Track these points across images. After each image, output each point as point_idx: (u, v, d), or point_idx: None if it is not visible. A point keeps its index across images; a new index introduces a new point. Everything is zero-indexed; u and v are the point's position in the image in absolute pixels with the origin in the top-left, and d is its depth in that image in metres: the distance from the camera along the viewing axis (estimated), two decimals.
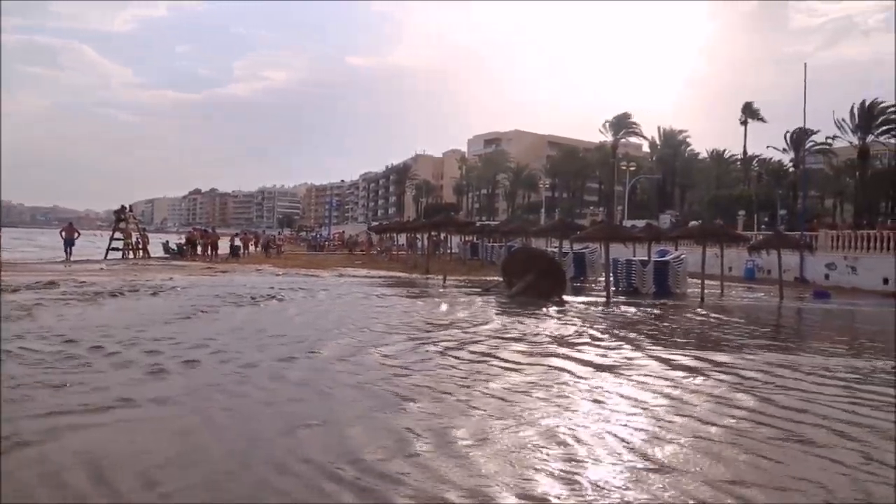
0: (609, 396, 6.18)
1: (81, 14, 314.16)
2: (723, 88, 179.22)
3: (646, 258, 19.98)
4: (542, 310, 13.39)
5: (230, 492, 3.71)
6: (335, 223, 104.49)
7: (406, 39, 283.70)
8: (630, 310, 14.39)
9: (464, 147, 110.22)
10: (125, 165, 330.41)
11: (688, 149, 71.98)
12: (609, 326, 11.48)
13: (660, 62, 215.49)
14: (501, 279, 18.00)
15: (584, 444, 4.67)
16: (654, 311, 14.43)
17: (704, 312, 14.46)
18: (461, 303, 14.47)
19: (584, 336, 10.06)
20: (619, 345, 9.37)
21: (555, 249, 24.27)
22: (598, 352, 8.68)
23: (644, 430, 5.05)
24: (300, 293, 15.19)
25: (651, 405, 5.86)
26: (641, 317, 13.37)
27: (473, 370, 7.12)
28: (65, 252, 26.35)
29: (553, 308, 13.87)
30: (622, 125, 69.78)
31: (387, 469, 4.04)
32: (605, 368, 7.54)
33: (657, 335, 10.62)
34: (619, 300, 16.29)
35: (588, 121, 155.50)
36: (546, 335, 9.98)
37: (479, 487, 3.82)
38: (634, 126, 70.80)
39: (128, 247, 29.41)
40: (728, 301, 17.96)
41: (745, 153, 62.18)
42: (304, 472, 3.98)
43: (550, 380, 6.78)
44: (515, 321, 11.51)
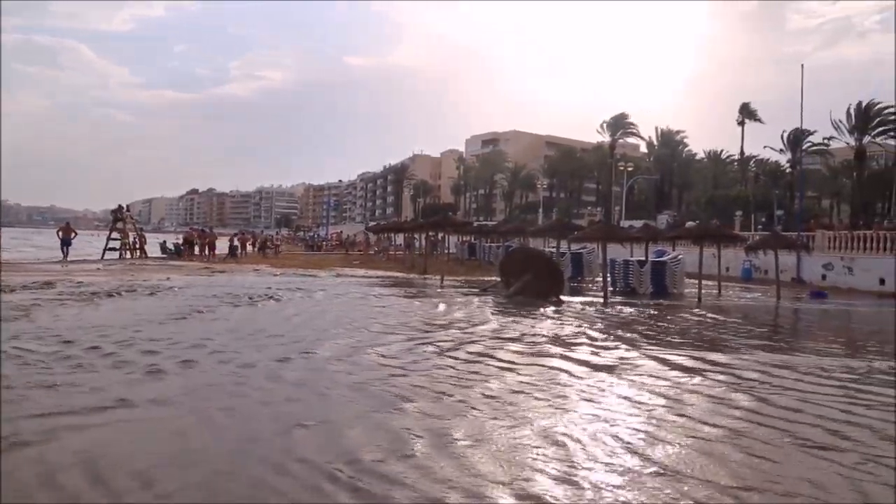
0: (606, 397, 6.20)
1: (79, 14, 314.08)
2: (720, 89, 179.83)
3: (643, 258, 19.98)
4: (540, 310, 13.41)
5: (227, 492, 3.71)
6: (333, 223, 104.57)
7: (405, 39, 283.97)
8: (627, 310, 14.40)
9: (462, 147, 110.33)
10: (122, 165, 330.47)
11: (685, 149, 72.14)
12: (606, 327, 11.49)
13: (657, 62, 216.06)
14: (499, 279, 18.01)
15: (582, 445, 4.68)
16: (652, 312, 14.45)
17: (702, 313, 14.47)
18: (459, 303, 14.47)
19: (582, 336, 10.07)
20: (617, 345, 9.38)
21: (552, 249, 24.32)
22: (596, 352, 8.69)
23: (642, 431, 5.06)
24: (298, 293, 15.18)
25: (649, 405, 5.87)
26: (639, 317, 13.39)
27: (471, 370, 7.13)
28: (61, 252, 26.31)
29: (551, 308, 13.88)
30: (619, 125, 69.92)
31: (384, 469, 4.04)
32: (603, 368, 7.54)
33: (654, 335, 10.63)
34: (617, 300, 16.30)
35: (586, 121, 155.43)
36: (544, 335, 9.99)
37: (477, 488, 3.82)
38: (632, 126, 71.00)
39: (125, 247, 29.37)
40: (725, 301, 17.98)
41: (743, 154, 62.35)
42: (302, 473, 3.98)
43: (548, 380, 6.79)
44: (513, 321, 11.52)
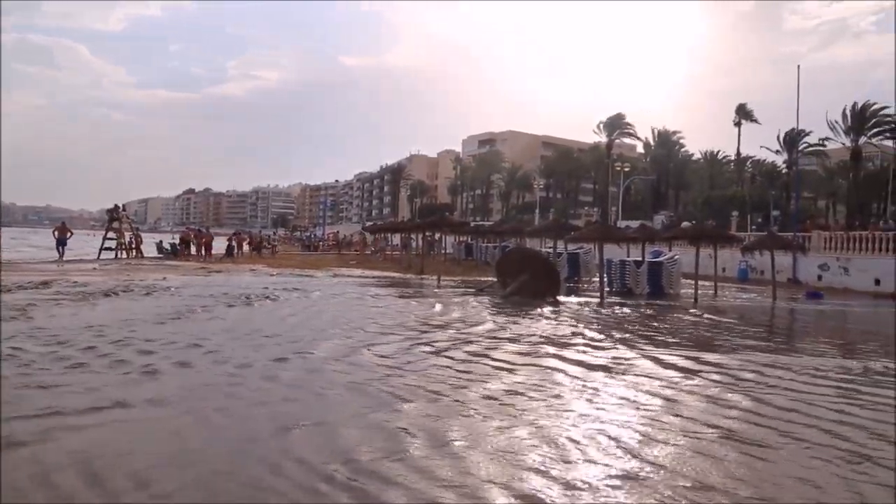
0: (603, 396, 6.21)
1: (74, 13, 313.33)
2: (717, 89, 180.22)
3: (640, 259, 20.01)
4: (537, 310, 13.41)
5: (224, 492, 3.70)
6: (329, 223, 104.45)
7: (403, 40, 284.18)
8: (624, 310, 14.43)
9: (458, 147, 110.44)
10: (119, 165, 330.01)
11: (682, 150, 72.41)
12: (603, 327, 11.51)
13: (654, 63, 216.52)
14: (496, 279, 18.03)
15: (578, 445, 4.68)
16: (648, 312, 14.48)
17: (698, 313, 14.51)
18: (455, 303, 14.48)
19: (579, 336, 10.08)
20: (613, 345, 9.39)
21: (549, 250, 24.33)
22: (593, 352, 8.70)
23: (638, 431, 5.07)
24: (294, 293, 15.17)
25: (645, 405, 5.88)
26: (635, 317, 13.41)
27: (467, 371, 7.12)
28: (57, 252, 26.22)
29: (547, 308, 13.89)
30: (616, 126, 70.08)
31: (381, 469, 4.04)
32: (599, 369, 7.55)
33: (651, 335, 10.65)
34: (613, 301, 16.32)
35: (583, 121, 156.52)
36: (540, 335, 10.00)
37: (474, 488, 3.82)
38: (628, 127, 71.19)
39: (121, 246, 29.28)
40: (721, 301, 18.02)
41: (739, 154, 62.63)
42: (298, 473, 3.97)
43: (544, 380, 6.80)
44: (510, 321, 11.53)
